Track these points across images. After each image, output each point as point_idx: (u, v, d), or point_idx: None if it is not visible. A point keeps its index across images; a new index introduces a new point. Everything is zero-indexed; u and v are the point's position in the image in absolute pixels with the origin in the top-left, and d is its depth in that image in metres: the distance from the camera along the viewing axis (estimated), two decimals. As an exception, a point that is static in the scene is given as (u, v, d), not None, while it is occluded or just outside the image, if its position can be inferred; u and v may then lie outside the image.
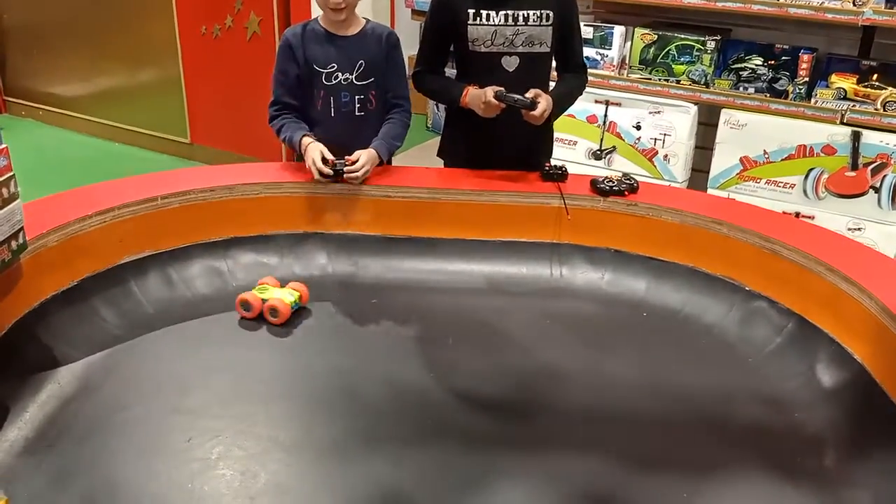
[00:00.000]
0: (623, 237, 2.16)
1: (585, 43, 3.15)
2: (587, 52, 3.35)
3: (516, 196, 2.21)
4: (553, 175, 2.25)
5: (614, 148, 3.56)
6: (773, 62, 3.28)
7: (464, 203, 2.21)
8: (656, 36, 3.44)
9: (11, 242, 1.65)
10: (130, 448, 1.52)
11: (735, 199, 2.91)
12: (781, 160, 3.20)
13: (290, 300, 1.94)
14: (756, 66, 3.30)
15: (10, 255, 1.65)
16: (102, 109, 5.21)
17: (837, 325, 1.79)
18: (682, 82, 3.41)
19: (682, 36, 3.40)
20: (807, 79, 3.18)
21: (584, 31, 3.10)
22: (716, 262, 2.06)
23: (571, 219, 2.19)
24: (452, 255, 2.20)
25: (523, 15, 2.21)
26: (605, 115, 3.54)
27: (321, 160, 2.14)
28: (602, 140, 3.58)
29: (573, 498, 1.46)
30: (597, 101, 3.52)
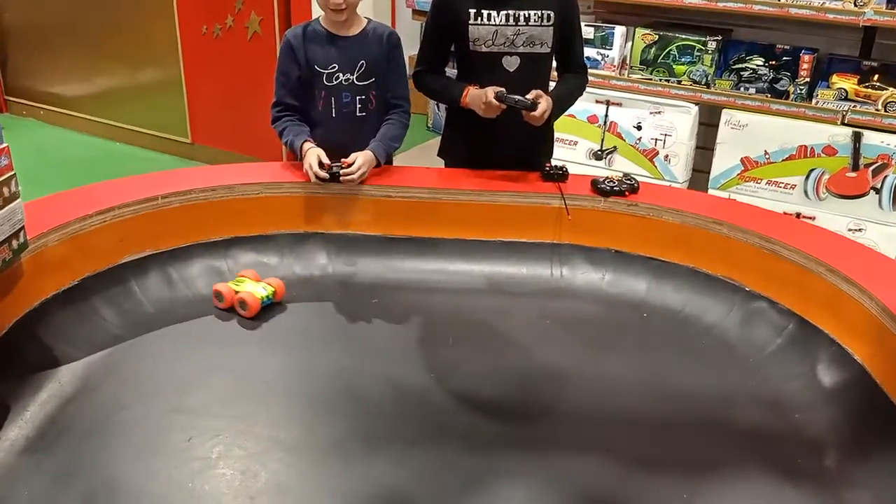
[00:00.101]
0: (624, 237, 2.16)
1: (586, 43, 3.16)
2: (588, 52, 3.36)
3: (517, 196, 2.21)
4: (554, 175, 2.25)
5: (615, 148, 3.56)
6: (773, 62, 3.28)
7: (464, 203, 2.21)
8: (657, 36, 3.44)
9: (12, 241, 1.65)
10: (130, 447, 1.52)
11: (736, 200, 2.91)
12: (782, 161, 3.20)
13: (261, 294, 1.95)
14: (757, 66, 3.29)
15: (10, 254, 1.65)
16: (103, 109, 5.21)
17: (838, 325, 1.79)
18: (682, 82, 3.41)
19: (683, 36, 3.40)
20: (808, 79, 3.17)
21: (584, 31, 3.11)
22: (716, 263, 2.06)
23: (572, 219, 2.19)
24: (453, 255, 2.20)
25: (524, 15, 2.21)
26: (606, 116, 3.53)
27: (318, 164, 2.15)
28: (603, 140, 3.57)
29: (573, 498, 1.46)
30: (597, 102, 3.52)
